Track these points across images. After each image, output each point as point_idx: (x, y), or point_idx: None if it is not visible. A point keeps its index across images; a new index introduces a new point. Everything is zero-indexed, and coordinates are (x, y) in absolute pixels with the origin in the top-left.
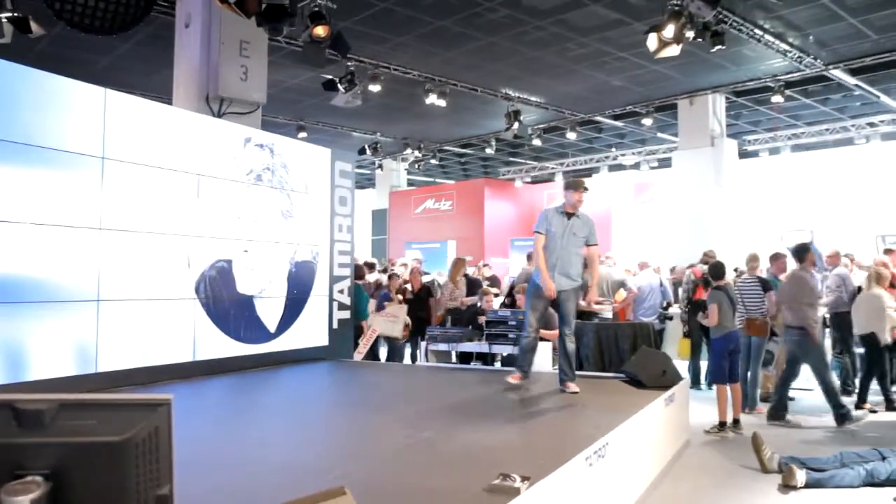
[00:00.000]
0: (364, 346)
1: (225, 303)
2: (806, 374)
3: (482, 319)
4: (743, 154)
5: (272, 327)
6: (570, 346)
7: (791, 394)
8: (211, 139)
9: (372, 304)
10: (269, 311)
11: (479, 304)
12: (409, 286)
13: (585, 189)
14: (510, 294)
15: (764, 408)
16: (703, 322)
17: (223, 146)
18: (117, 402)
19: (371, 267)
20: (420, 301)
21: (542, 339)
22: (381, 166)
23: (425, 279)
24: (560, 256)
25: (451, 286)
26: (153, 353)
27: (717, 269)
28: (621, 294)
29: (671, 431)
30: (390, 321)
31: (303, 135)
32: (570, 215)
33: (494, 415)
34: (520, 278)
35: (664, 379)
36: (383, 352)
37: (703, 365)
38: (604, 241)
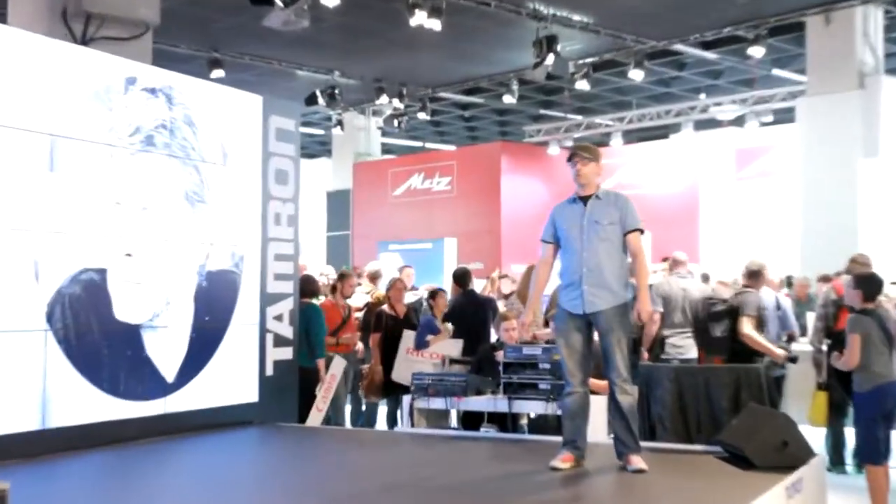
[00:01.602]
0: (323, 400)
1: (95, 337)
2: None
3: (500, 357)
4: None
5: (170, 375)
6: (626, 400)
7: None
8: (72, 79)
9: (408, 337)
10: (166, 350)
11: (498, 336)
12: (385, 308)
13: (583, 157)
14: (545, 322)
15: None
16: (838, 365)
17: (91, 91)
18: None
19: (311, 285)
20: (398, 332)
21: (593, 392)
22: (340, 123)
23: (410, 298)
24: (585, 262)
25: (517, 309)
26: None
27: (866, 284)
28: None
29: None
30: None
31: (219, 73)
32: (585, 199)
33: None
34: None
35: (785, 456)
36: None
37: (851, 434)
38: (687, 237)
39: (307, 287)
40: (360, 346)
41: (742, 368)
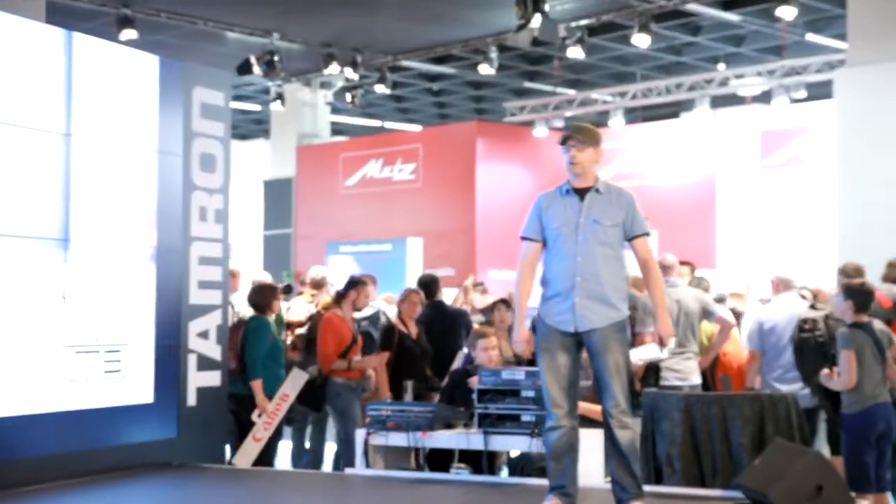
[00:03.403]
0: (265, 427)
1: None
2: None
3: (474, 383)
4: None
5: (65, 405)
6: (625, 435)
7: None
8: None
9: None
10: (60, 375)
11: (471, 356)
12: (401, 325)
13: (579, 140)
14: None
15: None
16: (829, 385)
17: None
18: None
19: (265, 297)
20: (414, 355)
21: (585, 419)
22: (281, 98)
23: (364, 312)
24: (579, 268)
25: None
26: None
27: (857, 294)
28: (707, 329)
29: None
30: None
31: (130, 34)
32: (582, 193)
33: None
34: None
35: (819, 503)
36: (285, 447)
37: None
38: (702, 236)
39: (260, 299)
40: (371, 373)
41: (767, 397)
